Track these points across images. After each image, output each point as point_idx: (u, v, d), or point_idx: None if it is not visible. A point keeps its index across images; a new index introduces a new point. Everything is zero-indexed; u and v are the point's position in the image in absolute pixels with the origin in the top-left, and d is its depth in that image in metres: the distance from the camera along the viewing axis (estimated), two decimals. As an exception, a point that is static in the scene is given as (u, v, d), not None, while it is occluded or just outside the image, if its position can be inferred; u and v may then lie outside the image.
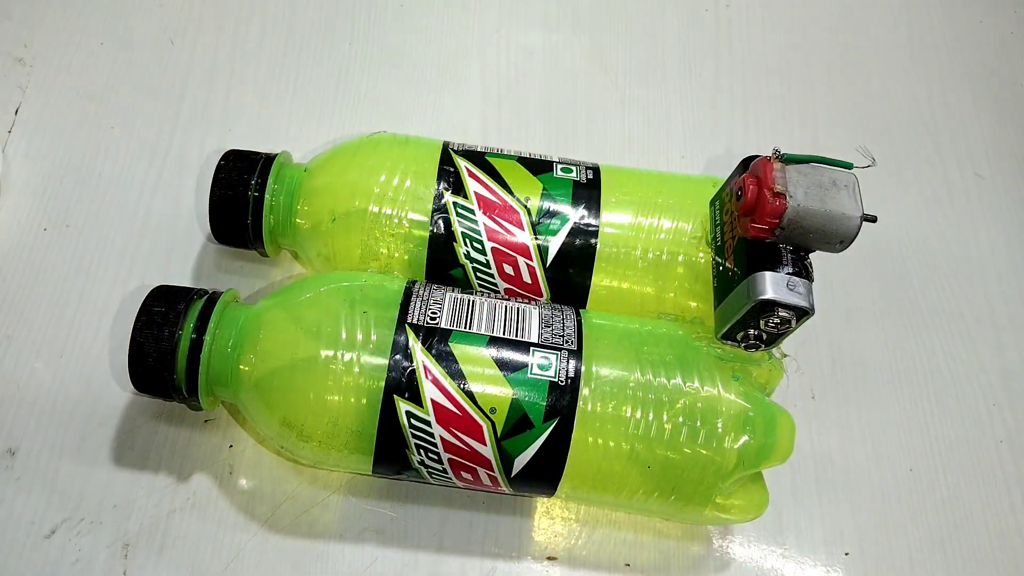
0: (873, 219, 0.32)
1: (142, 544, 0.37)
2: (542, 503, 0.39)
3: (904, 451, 0.43)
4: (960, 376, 0.46)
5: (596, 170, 0.39)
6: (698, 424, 0.33)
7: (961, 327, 0.48)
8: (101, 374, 0.40)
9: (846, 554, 0.40)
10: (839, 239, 0.32)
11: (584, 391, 0.33)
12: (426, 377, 0.32)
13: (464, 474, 0.34)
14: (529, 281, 0.37)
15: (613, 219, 0.38)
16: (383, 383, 0.32)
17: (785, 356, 0.36)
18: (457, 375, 0.32)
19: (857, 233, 0.32)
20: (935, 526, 0.42)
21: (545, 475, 0.34)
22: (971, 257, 0.50)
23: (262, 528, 0.38)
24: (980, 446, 0.44)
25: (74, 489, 0.38)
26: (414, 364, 0.32)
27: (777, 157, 0.32)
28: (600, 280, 0.38)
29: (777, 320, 0.32)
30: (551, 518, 0.39)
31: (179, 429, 0.39)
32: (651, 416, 0.33)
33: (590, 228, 0.37)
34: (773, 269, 0.32)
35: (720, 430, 0.33)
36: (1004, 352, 0.47)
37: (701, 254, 0.37)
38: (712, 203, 0.37)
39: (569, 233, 0.37)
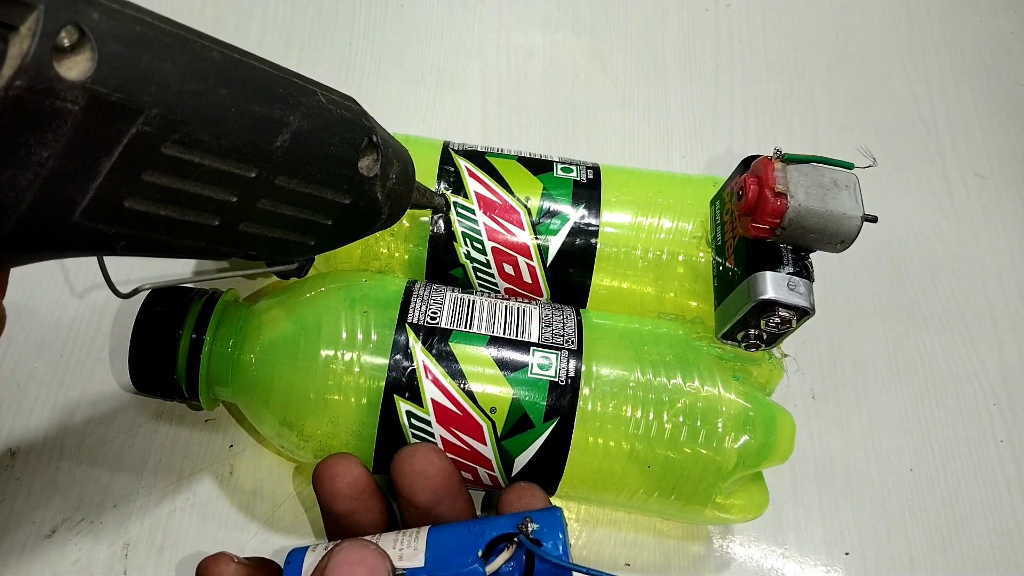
0: (874, 219, 0.32)
1: (142, 544, 0.37)
2: (542, 503, 0.39)
3: (904, 451, 0.44)
4: (960, 376, 0.46)
5: (596, 170, 0.39)
6: (698, 424, 0.33)
7: (961, 327, 0.48)
8: (101, 374, 0.40)
9: (846, 554, 0.40)
10: (840, 239, 0.32)
11: (584, 391, 0.33)
12: (426, 377, 0.32)
13: (465, 474, 0.34)
14: (529, 281, 0.37)
15: (613, 219, 0.37)
16: (383, 383, 0.32)
17: (785, 356, 0.36)
18: (457, 375, 0.32)
19: (858, 233, 0.32)
20: (935, 526, 0.42)
21: (545, 475, 0.34)
22: (971, 257, 0.50)
23: (262, 528, 0.38)
24: (980, 446, 0.44)
25: (74, 489, 0.38)
26: (414, 364, 0.32)
27: (778, 157, 0.33)
28: (600, 280, 0.38)
29: (777, 320, 0.32)
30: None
31: (179, 429, 0.39)
32: (651, 416, 0.33)
33: (590, 228, 0.37)
34: (774, 269, 0.32)
35: (720, 430, 0.33)
36: (1004, 352, 0.47)
37: (701, 254, 0.37)
38: (712, 203, 0.37)
39: (569, 233, 0.37)
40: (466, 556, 0.28)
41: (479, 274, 0.37)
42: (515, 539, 0.28)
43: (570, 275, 0.37)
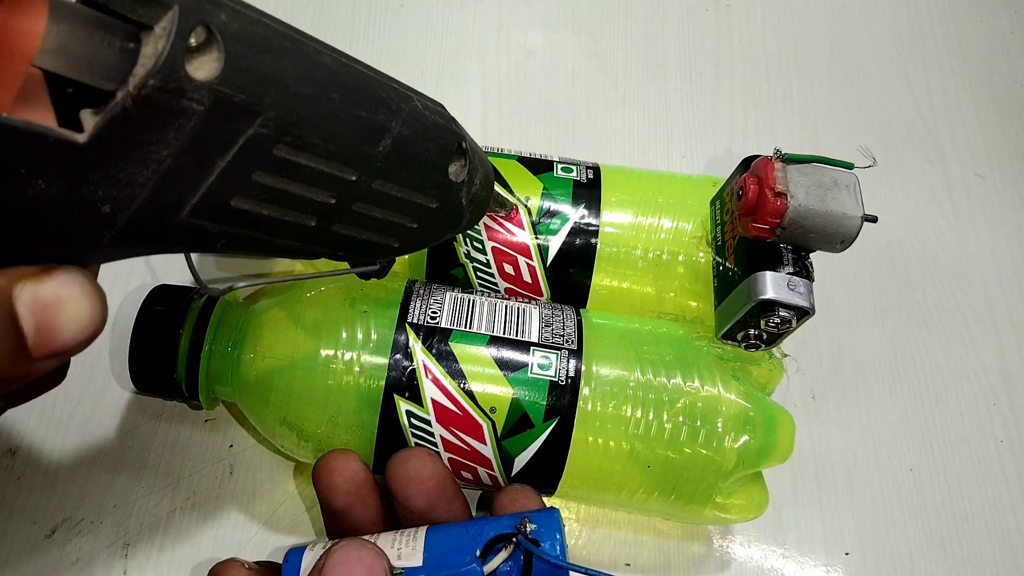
0: (874, 219, 0.32)
1: (142, 544, 0.37)
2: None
3: (904, 451, 0.44)
4: (960, 376, 0.46)
5: (596, 170, 0.39)
6: (698, 424, 0.33)
7: (961, 327, 0.48)
8: (101, 374, 0.40)
9: (846, 554, 0.40)
10: (840, 239, 0.32)
11: (584, 390, 0.33)
12: (426, 376, 0.32)
13: (464, 473, 0.34)
14: (529, 281, 0.37)
15: (613, 219, 0.38)
16: (383, 382, 0.32)
17: (785, 356, 0.36)
18: (457, 374, 0.32)
19: (858, 233, 0.32)
20: (935, 526, 0.42)
21: (545, 474, 0.34)
22: (971, 257, 0.50)
23: (262, 528, 0.38)
24: (980, 446, 0.44)
25: (74, 489, 0.38)
26: (414, 363, 0.32)
27: (778, 157, 0.33)
28: (600, 280, 0.38)
29: (777, 320, 0.32)
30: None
31: (179, 429, 0.39)
32: (651, 416, 0.33)
33: (590, 228, 0.37)
34: (774, 269, 0.32)
35: (720, 430, 0.33)
36: (1004, 352, 0.47)
37: (701, 254, 0.37)
38: (712, 203, 0.37)
39: (569, 233, 0.37)
40: (464, 556, 0.28)
41: (479, 274, 0.37)
42: (513, 539, 0.28)
43: (570, 275, 0.37)
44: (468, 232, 0.37)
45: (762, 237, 0.33)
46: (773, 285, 0.32)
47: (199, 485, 0.38)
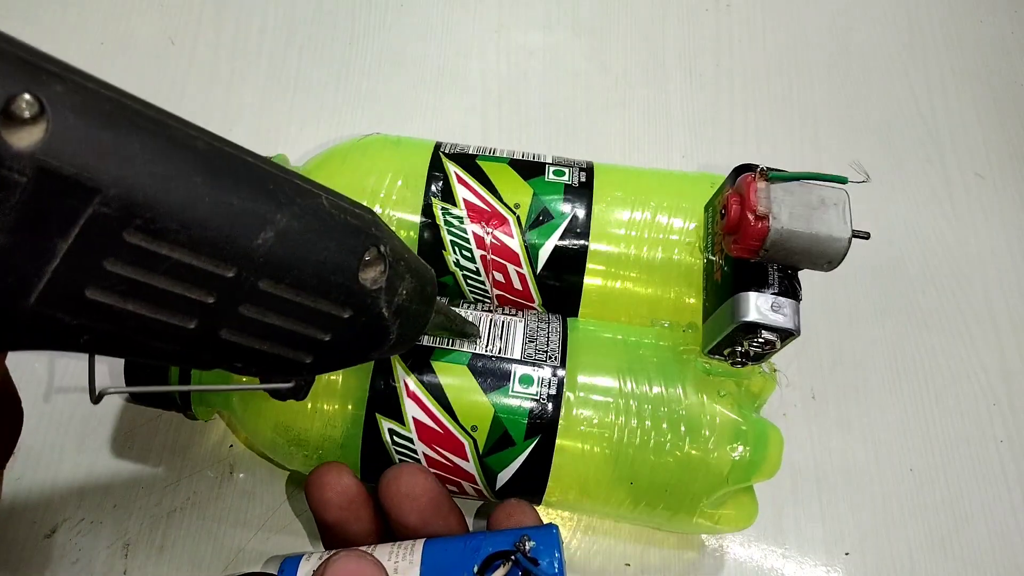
0: (866, 236, 0.31)
1: (142, 544, 0.37)
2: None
3: (904, 451, 0.43)
4: (960, 376, 0.46)
5: (589, 171, 0.39)
6: (684, 440, 0.33)
7: (961, 327, 0.47)
8: (101, 374, 0.40)
9: (846, 554, 0.40)
10: (826, 260, 0.31)
11: (566, 409, 0.33)
12: (407, 396, 0.32)
13: (450, 487, 0.34)
14: (520, 288, 0.37)
15: (605, 223, 0.37)
16: (365, 401, 0.32)
17: (776, 371, 0.36)
18: (438, 394, 0.32)
19: (845, 254, 0.30)
20: (935, 526, 0.42)
21: (529, 489, 0.34)
22: (971, 257, 0.50)
23: (262, 528, 0.38)
24: (980, 446, 0.44)
25: (74, 489, 0.38)
26: (396, 383, 0.32)
27: (763, 175, 0.31)
28: (592, 284, 0.37)
29: (761, 340, 0.31)
30: (548, 518, 0.39)
31: (179, 429, 0.40)
32: (636, 433, 0.33)
33: (580, 233, 0.37)
34: (759, 288, 0.31)
35: (707, 446, 0.33)
36: (1004, 352, 0.47)
37: (695, 256, 0.37)
38: (706, 208, 0.37)
39: (559, 238, 0.37)
40: (462, 571, 0.28)
41: (469, 282, 0.37)
42: (512, 556, 0.28)
43: (561, 280, 0.37)
44: (457, 240, 0.36)
45: (746, 257, 0.32)
46: (756, 307, 0.31)
47: (199, 485, 0.39)
